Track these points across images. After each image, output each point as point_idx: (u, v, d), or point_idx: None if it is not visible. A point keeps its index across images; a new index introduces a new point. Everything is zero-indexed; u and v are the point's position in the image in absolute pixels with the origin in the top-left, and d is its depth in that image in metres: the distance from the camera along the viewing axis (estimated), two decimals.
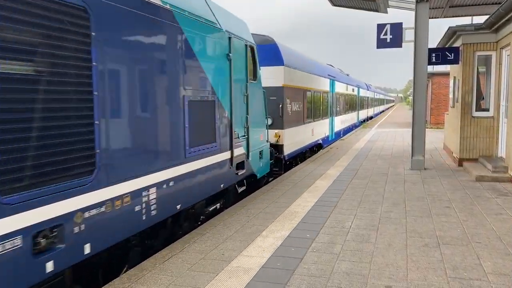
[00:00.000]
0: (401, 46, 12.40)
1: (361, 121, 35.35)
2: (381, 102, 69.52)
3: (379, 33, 12.35)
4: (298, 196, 8.69)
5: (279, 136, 12.10)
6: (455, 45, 13.32)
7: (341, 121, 23.07)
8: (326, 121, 18.78)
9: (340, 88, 22.44)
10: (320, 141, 17.41)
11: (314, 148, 16.61)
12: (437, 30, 17.24)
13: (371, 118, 45.15)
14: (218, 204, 7.75)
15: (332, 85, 19.97)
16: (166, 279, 4.78)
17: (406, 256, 5.39)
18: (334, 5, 15.82)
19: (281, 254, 5.47)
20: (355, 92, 30.11)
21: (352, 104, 28.36)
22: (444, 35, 13.36)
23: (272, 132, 11.81)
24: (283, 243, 5.91)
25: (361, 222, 6.89)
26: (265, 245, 5.81)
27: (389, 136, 22.61)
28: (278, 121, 12.16)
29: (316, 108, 16.41)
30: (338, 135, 22.26)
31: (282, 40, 23.11)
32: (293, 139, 13.10)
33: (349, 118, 26.96)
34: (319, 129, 17.07)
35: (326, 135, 18.88)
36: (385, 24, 12.34)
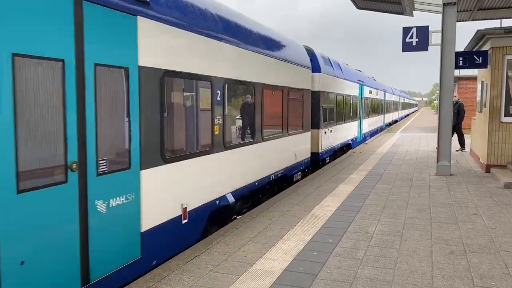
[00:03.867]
0: (427, 50, 12.20)
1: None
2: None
3: (404, 36, 12.18)
4: (321, 200, 8.65)
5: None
6: (484, 48, 13.02)
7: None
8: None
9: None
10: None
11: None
12: (464, 32, 16.90)
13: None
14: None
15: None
16: (189, 279, 4.83)
17: (431, 263, 5.30)
18: (359, 7, 15.71)
19: (303, 258, 5.45)
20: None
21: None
22: (472, 38, 13.08)
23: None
24: (305, 247, 5.88)
25: (385, 227, 6.81)
26: (287, 249, 5.80)
27: (413, 141, 22.23)
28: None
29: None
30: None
31: (304, 41, 23.09)
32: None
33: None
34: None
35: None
36: (411, 28, 12.16)
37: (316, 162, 13.50)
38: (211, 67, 6.62)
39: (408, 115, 71.26)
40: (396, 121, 45.14)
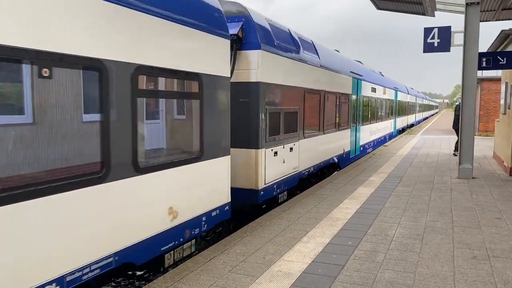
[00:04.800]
0: (449, 51, 12.00)
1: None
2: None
3: (426, 37, 12.01)
4: (339, 203, 8.58)
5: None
6: (508, 49, 12.74)
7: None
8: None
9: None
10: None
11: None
12: (487, 32, 16.55)
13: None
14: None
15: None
16: (208, 280, 4.85)
17: (453, 267, 5.19)
18: (379, 8, 15.55)
19: (322, 260, 5.42)
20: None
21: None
22: (496, 38, 12.82)
23: None
24: (324, 249, 5.84)
25: (405, 230, 6.71)
26: (306, 251, 5.77)
27: (434, 143, 21.87)
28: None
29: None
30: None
31: (321, 41, 18.63)
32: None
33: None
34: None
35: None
36: (432, 28, 11.99)
37: (252, 205, 8.02)
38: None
39: (427, 118, 65.09)
40: (411, 125, 39.52)
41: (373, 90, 18.65)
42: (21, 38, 3.38)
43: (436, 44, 12.02)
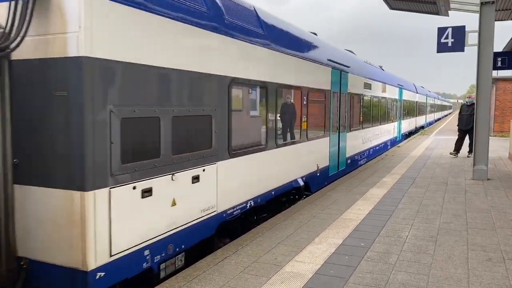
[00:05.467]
0: (463, 51, 11.86)
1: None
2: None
3: (439, 37, 11.90)
4: (352, 204, 8.53)
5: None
6: None
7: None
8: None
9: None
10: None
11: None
12: (502, 32, 16.30)
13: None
14: None
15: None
16: (220, 280, 4.87)
17: (467, 270, 5.14)
18: (392, 8, 15.44)
19: (334, 262, 5.40)
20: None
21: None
22: None
23: None
24: (336, 250, 5.82)
25: (418, 232, 6.65)
26: (318, 252, 5.76)
27: (448, 144, 21.60)
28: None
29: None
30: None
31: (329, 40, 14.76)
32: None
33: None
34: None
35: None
36: (446, 28, 11.86)
37: None
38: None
39: (439, 119, 59.89)
40: (421, 128, 35.12)
41: (367, 86, 14.96)
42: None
43: (450, 44, 11.89)
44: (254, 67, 6.94)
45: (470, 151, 15.92)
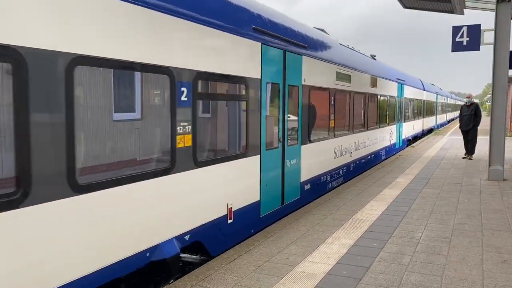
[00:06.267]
0: (478, 49, 11.72)
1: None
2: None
3: (454, 35, 11.76)
4: (364, 204, 8.49)
5: None
6: None
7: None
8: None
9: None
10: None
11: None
12: None
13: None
14: None
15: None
16: (232, 279, 4.89)
17: (481, 271, 5.07)
18: (406, 7, 15.30)
19: (346, 262, 5.38)
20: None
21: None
22: None
23: None
24: (348, 251, 5.80)
25: (432, 233, 6.59)
26: (330, 252, 5.75)
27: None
28: None
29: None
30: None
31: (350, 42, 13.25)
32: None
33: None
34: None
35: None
36: (461, 26, 11.73)
37: None
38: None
39: (452, 120, 54.82)
40: (430, 131, 31.28)
41: (343, 77, 10.98)
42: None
43: (465, 43, 11.76)
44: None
45: (467, 153, 15.72)
